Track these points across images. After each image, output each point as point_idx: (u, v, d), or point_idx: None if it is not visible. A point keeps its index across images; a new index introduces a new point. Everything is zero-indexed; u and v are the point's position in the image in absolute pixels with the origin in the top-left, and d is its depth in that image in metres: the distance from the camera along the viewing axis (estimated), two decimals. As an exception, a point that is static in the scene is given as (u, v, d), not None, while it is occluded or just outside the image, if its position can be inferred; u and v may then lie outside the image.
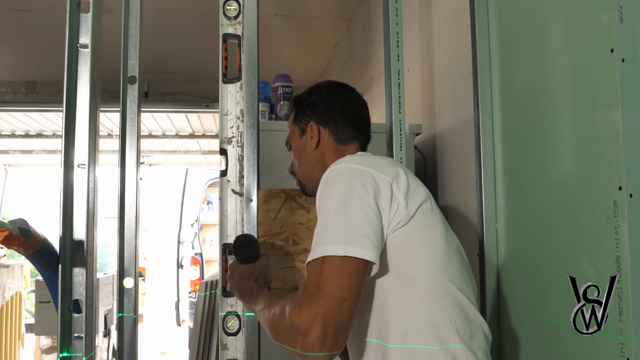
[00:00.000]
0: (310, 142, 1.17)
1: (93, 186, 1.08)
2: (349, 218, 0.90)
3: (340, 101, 1.19)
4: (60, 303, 1.03)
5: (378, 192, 0.94)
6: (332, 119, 1.17)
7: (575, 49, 1.07)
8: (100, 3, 1.11)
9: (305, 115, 1.19)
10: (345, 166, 0.98)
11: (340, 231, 0.89)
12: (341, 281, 0.85)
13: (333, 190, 0.94)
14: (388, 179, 0.96)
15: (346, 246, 0.87)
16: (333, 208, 0.92)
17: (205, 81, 4.56)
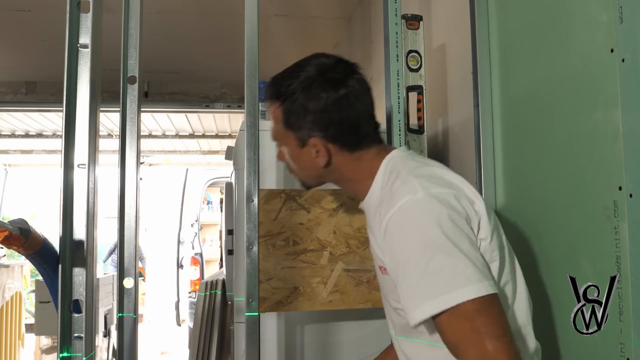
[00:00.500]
0: (315, 160, 1.00)
1: (93, 186, 1.08)
2: (467, 253, 0.81)
3: (349, 107, 0.98)
4: (60, 303, 1.02)
5: (466, 217, 0.86)
6: (341, 132, 0.99)
7: (575, 49, 1.07)
8: (100, 3, 1.11)
9: (304, 127, 0.99)
10: (426, 195, 0.85)
11: (473, 267, 0.80)
12: (496, 316, 0.79)
13: (425, 226, 0.83)
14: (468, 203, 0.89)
15: (487, 282, 0.80)
16: (446, 244, 0.81)
17: (205, 81, 4.56)
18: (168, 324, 6.25)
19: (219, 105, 3.86)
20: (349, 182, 1.04)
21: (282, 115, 1.00)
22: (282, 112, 1.00)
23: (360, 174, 1.02)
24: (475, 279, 0.79)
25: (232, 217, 1.88)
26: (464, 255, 0.81)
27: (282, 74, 1.02)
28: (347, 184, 1.05)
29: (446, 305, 0.78)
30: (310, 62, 1.00)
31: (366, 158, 1.01)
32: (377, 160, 1.01)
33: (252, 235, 1.24)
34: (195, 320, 2.46)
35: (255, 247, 1.23)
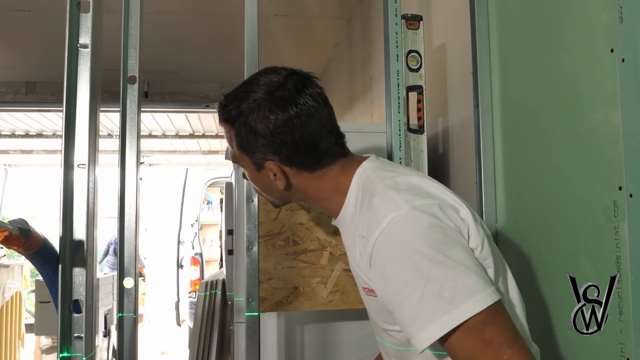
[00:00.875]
0: (274, 182, 0.96)
1: (93, 186, 1.08)
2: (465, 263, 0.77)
3: (301, 126, 0.91)
4: (60, 303, 1.03)
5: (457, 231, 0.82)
6: (295, 153, 0.92)
7: (575, 49, 1.07)
8: (100, 3, 1.11)
9: (257, 151, 0.93)
10: (412, 209, 0.80)
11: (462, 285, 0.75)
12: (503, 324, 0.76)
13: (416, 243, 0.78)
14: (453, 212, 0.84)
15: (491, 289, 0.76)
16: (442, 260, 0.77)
17: (205, 81, 4.57)
18: (168, 324, 6.25)
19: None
20: (315, 200, 0.99)
21: (235, 139, 0.95)
22: (234, 135, 0.95)
23: (325, 192, 0.96)
24: (478, 289, 0.76)
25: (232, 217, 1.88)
26: (463, 266, 0.77)
27: (231, 94, 0.97)
28: (315, 202, 1.00)
29: (454, 323, 0.74)
30: (259, 81, 0.95)
31: (330, 175, 0.95)
32: (343, 176, 0.95)
33: (252, 235, 1.24)
34: (195, 320, 2.46)
35: (255, 247, 1.24)
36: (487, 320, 0.75)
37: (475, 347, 0.75)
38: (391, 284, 0.80)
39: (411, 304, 0.77)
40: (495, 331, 0.75)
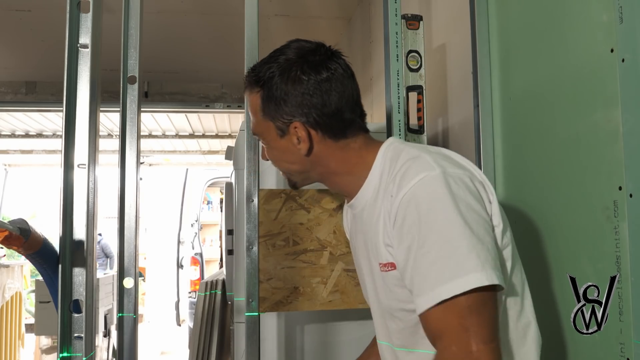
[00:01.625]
0: (298, 147, 0.94)
1: (93, 186, 1.07)
2: (471, 241, 0.76)
3: (330, 91, 0.92)
4: (60, 303, 1.02)
5: (482, 202, 0.82)
6: (323, 116, 0.92)
7: (575, 49, 1.07)
8: (100, 3, 1.11)
9: (283, 112, 0.93)
10: (444, 172, 0.81)
11: (467, 261, 0.75)
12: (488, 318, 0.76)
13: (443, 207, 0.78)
14: (481, 187, 0.84)
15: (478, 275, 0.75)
16: (450, 231, 0.77)
17: (205, 81, 4.56)
18: (168, 324, 6.25)
19: (219, 105, 3.86)
20: (335, 175, 0.97)
21: (260, 103, 0.95)
22: (261, 99, 0.95)
23: (347, 165, 0.95)
24: (485, 265, 0.75)
25: (232, 217, 1.88)
26: (479, 239, 0.77)
27: (260, 61, 0.98)
28: (334, 178, 0.98)
29: (460, 289, 0.74)
30: (289, 46, 0.96)
31: (353, 147, 0.95)
32: (367, 150, 0.95)
33: (252, 235, 1.24)
34: (195, 320, 2.46)
35: (255, 247, 1.24)
36: (474, 307, 0.75)
37: (451, 326, 0.75)
38: (410, 238, 0.80)
39: (424, 263, 0.78)
40: (477, 321, 0.75)
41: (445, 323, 0.76)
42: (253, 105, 0.97)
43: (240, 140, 1.63)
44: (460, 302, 0.75)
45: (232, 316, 2.04)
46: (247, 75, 0.99)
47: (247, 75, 0.99)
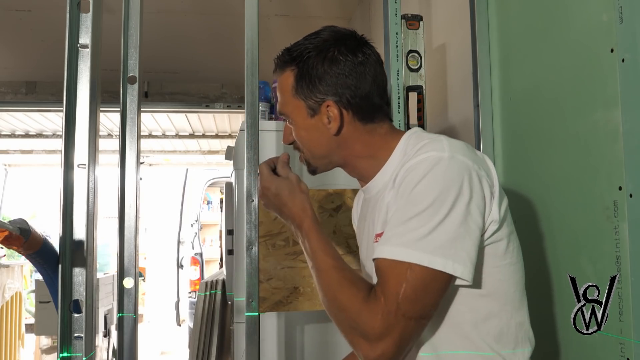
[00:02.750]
0: (327, 127, 0.95)
1: (93, 186, 1.07)
2: (453, 226, 0.79)
3: (364, 74, 0.94)
4: (60, 303, 1.02)
5: (481, 198, 0.83)
6: (355, 97, 0.94)
7: (575, 49, 1.07)
8: (100, 3, 1.11)
9: (317, 91, 0.94)
10: (452, 157, 0.83)
11: (441, 241, 0.78)
12: (426, 299, 0.78)
13: (439, 184, 0.80)
14: (488, 181, 0.85)
15: (444, 260, 0.78)
16: (436, 207, 0.79)
17: (205, 81, 4.56)
18: (168, 324, 6.25)
19: (219, 105, 3.86)
20: (357, 158, 0.98)
21: (293, 81, 0.96)
22: (294, 77, 0.96)
23: (371, 149, 0.97)
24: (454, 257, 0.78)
25: (232, 217, 1.88)
26: (459, 229, 0.79)
27: (295, 43, 0.99)
28: (356, 161, 0.99)
29: (411, 259, 0.78)
30: (325, 29, 0.98)
31: (379, 132, 0.97)
32: (391, 136, 0.97)
33: (252, 235, 1.24)
34: (195, 320, 2.45)
35: (255, 247, 1.23)
36: (430, 281, 0.78)
37: (390, 285, 0.78)
38: (402, 197, 0.84)
39: (393, 222, 0.83)
40: (423, 294, 0.78)
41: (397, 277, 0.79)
42: (284, 84, 0.98)
43: (240, 140, 1.63)
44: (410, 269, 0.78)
45: (232, 316, 2.04)
46: (279, 55, 1.00)
47: (280, 55, 1.00)
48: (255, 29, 1.27)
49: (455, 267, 0.78)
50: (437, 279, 0.78)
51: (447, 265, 0.78)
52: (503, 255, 0.88)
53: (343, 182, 1.65)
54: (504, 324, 0.88)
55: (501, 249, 0.88)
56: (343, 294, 0.82)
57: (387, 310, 0.77)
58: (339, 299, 0.83)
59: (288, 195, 0.97)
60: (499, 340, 0.88)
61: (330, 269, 0.87)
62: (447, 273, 0.78)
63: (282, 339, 1.65)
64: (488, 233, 0.85)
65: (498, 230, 0.86)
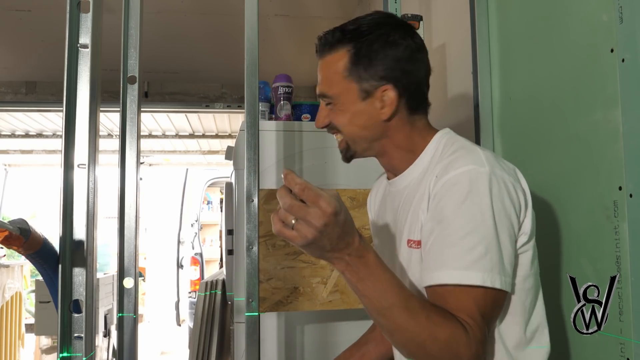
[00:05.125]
0: (379, 112, 0.91)
1: (93, 186, 1.07)
2: (503, 244, 0.81)
3: (421, 61, 0.93)
4: (60, 303, 1.02)
5: (518, 212, 0.86)
6: (411, 85, 0.91)
7: (575, 49, 1.07)
8: (100, 3, 1.11)
9: (375, 73, 0.90)
10: (493, 172, 0.83)
11: (497, 259, 0.80)
12: (495, 316, 0.84)
13: (484, 201, 0.81)
14: (523, 194, 0.88)
15: (501, 277, 0.80)
16: (486, 225, 0.80)
17: (205, 81, 4.56)
18: (168, 324, 6.25)
19: (219, 105, 3.86)
20: (396, 149, 0.96)
21: (348, 62, 0.90)
22: (350, 57, 0.90)
23: (410, 142, 0.95)
24: (497, 270, 0.80)
25: (232, 217, 1.88)
26: (498, 245, 0.80)
27: (347, 22, 0.93)
28: (393, 152, 0.97)
29: (462, 280, 0.78)
30: (375, 13, 0.94)
31: (418, 126, 0.95)
32: (427, 132, 0.96)
33: (252, 235, 1.24)
34: (195, 320, 2.45)
35: (255, 247, 1.23)
36: (497, 300, 0.81)
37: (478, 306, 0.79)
38: (440, 219, 0.82)
39: (444, 243, 0.81)
40: (496, 312, 0.82)
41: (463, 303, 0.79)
42: (335, 65, 0.92)
43: (240, 140, 1.63)
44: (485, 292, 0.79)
45: (232, 316, 2.04)
46: (329, 33, 0.93)
47: (330, 32, 0.93)
48: (255, 29, 1.27)
49: (508, 282, 0.81)
50: (501, 297, 0.82)
51: (505, 283, 0.81)
52: (530, 266, 0.90)
53: (343, 182, 1.65)
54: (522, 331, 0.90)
55: (527, 259, 0.89)
56: (443, 333, 0.76)
57: (484, 335, 0.79)
58: (440, 338, 0.76)
59: (352, 221, 0.76)
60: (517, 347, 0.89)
61: (418, 307, 0.77)
62: (505, 291, 0.81)
63: (282, 339, 1.65)
64: (518, 244, 0.87)
65: (527, 242, 0.88)
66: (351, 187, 1.50)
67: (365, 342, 1.20)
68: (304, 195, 0.70)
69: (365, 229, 1.43)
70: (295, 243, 0.73)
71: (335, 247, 0.74)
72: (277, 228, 0.73)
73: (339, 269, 0.77)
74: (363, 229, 1.43)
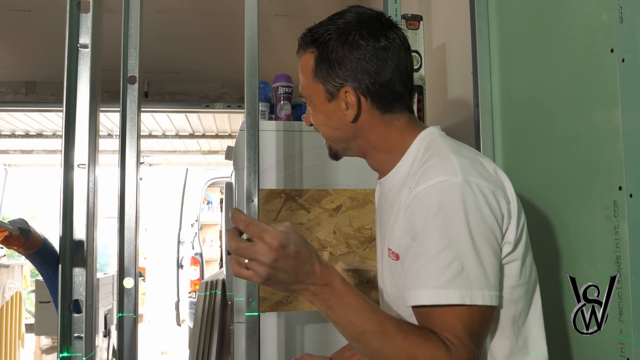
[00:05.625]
0: (344, 113, 0.92)
1: (93, 186, 1.07)
2: (481, 256, 0.77)
3: (386, 60, 0.91)
4: (60, 303, 1.02)
5: (499, 220, 0.82)
6: (375, 85, 0.90)
7: (575, 49, 1.07)
8: (100, 3, 1.11)
9: (336, 75, 0.91)
10: (465, 181, 0.79)
11: (476, 274, 0.76)
12: (484, 331, 0.80)
13: (457, 214, 0.77)
14: (505, 199, 0.83)
15: (483, 292, 0.77)
16: (460, 239, 0.77)
17: (205, 81, 4.56)
18: (168, 324, 6.25)
19: (219, 105, 3.86)
20: (374, 150, 0.96)
21: (313, 64, 0.93)
22: (314, 59, 0.93)
23: (387, 143, 0.94)
24: (477, 286, 0.77)
25: (232, 217, 1.87)
26: (477, 259, 0.77)
27: (318, 23, 0.97)
28: (373, 153, 0.97)
29: (440, 301, 0.76)
30: (350, 10, 0.95)
31: (396, 125, 0.93)
32: (408, 131, 0.94)
33: (252, 235, 1.23)
34: (195, 320, 2.45)
35: (255, 247, 1.23)
36: (484, 315, 0.78)
37: (458, 328, 0.76)
38: (414, 234, 0.81)
39: (420, 261, 0.79)
40: (484, 327, 0.78)
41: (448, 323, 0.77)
42: (305, 66, 0.96)
43: (240, 140, 1.63)
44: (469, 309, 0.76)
45: (232, 316, 2.04)
46: (302, 35, 0.97)
47: (303, 35, 0.97)
48: (255, 29, 1.27)
49: (493, 296, 0.78)
50: (488, 312, 0.79)
51: (489, 297, 0.77)
52: (518, 277, 0.86)
53: (343, 182, 1.65)
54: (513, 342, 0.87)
55: (515, 270, 0.86)
56: (423, 355, 0.74)
57: (471, 353, 0.75)
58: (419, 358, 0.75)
59: (307, 249, 0.76)
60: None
61: (394, 330, 0.76)
62: (491, 306, 0.78)
63: (282, 339, 1.65)
64: (502, 254, 0.84)
65: (512, 252, 0.85)
66: (351, 187, 1.50)
67: None
68: (249, 231, 0.72)
69: (366, 229, 1.44)
70: (255, 282, 0.75)
71: (295, 279, 0.75)
72: (235, 270, 0.74)
73: (307, 299, 0.78)
74: (363, 229, 1.43)
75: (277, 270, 0.73)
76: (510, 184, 0.87)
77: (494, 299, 0.78)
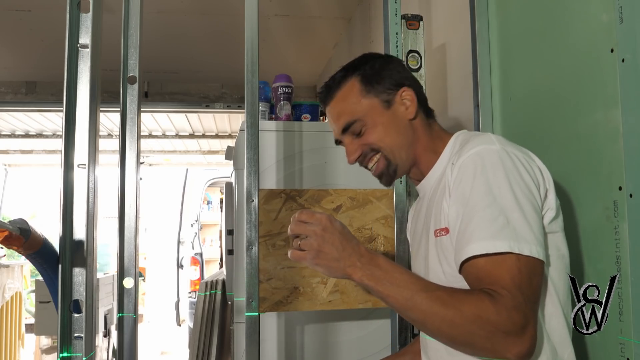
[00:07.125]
0: (405, 112, 0.99)
1: (93, 186, 1.07)
2: (526, 213, 0.81)
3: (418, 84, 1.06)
4: (60, 303, 1.02)
5: (536, 183, 0.86)
6: (419, 88, 1.04)
7: (575, 49, 1.07)
8: (100, 3, 1.11)
9: (388, 82, 0.99)
10: (502, 149, 0.85)
11: (522, 228, 0.79)
12: (535, 284, 0.79)
13: (498, 172, 0.83)
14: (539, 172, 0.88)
15: (536, 246, 0.79)
16: (504, 195, 0.81)
17: (205, 81, 4.57)
18: (168, 324, 6.25)
19: (219, 105, 3.86)
20: (424, 151, 1.02)
21: (360, 84, 1.00)
22: (359, 80, 1.00)
23: (433, 143, 1.02)
24: (524, 238, 0.78)
25: (232, 217, 1.88)
26: (522, 215, 0.80)
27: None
28: (422, 155, 1.02)
29: (488, 249, 0.78)
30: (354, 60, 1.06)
31: (435, 128, 1.04)
32: (445, 134, 1.03)
33: (252, 235, 1.24)
34: (195, 320, 2.45)
35: (255, 247, 1.23)
36: (521, 268, 0.78)
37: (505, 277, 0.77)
38: (463, 201, 0.85)
39: (468, 221, 0.82)
40: (525, 282, 0.77)
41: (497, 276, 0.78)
42: (350, 92, 1.01)
43: (240, 140, 1.63)
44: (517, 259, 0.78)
45: (232, 316, 2.04)
46: (328, 83, 1.04)
47: (329, 80, 1.04)
48: (255, 29, 1.27)
49: (540, 251, 0.79)
50: (537, 265, 0.79)
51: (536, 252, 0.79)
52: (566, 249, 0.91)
53: (343, 182, 1.65)
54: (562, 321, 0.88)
55: (561, 240, 0.90)
56: (468, 306, 0.76)
57: (518, 302, 0.75)
58: (466, 312, 0.76)
59: (349, 230, 0.86)
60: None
61: (440, 290, 0.80)
62: (539, 259, 0.79)
63: (282, 339, 1.65)
64: (546, 220, 0.87)
65: (555, 218, 0.89)
66: (351, 187, 1.49)
67: (403, 354, 1.21)
68: (302, 217, 0.85)
69: (366, 229, 1.43)
70: (307, 259, 0.84)
71: (342, 254, 0.83)
72: (292, 254, 0.86)
73: (356, 278, 0.83)
74: (363, 229, 1.43)
75: (325, 241, 0.83)
76: (543, 165, 0.91)
77: (541, 253, 0.79)
